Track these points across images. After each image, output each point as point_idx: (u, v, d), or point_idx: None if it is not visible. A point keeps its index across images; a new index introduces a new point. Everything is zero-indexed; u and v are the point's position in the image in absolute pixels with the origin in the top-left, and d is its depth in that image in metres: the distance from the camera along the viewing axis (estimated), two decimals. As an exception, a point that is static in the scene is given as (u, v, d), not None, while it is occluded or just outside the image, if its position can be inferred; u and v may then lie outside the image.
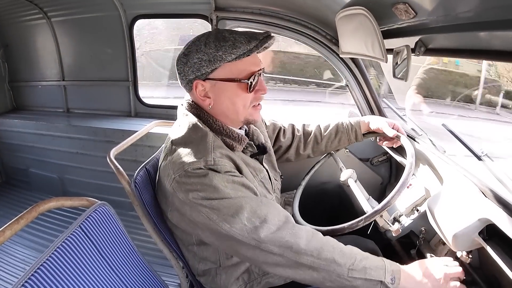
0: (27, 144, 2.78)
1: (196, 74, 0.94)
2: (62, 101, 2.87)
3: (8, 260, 2.02)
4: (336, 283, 0.85)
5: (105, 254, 0.85)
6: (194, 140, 0.94)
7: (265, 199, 0.95)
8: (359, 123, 1.37)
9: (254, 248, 0.86)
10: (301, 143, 1.40)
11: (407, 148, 1.16)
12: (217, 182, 0.87)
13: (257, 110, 1.03)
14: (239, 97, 0.96)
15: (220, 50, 0.90)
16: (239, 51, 0.90)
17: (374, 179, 1.84)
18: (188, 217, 0.90)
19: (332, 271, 0.85)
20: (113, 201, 1.00)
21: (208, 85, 0.96)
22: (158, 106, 2.66)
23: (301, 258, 0.85)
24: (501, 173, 0.99)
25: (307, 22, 1.77)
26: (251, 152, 1.07)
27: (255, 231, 0.85)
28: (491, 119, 3.57)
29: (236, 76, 0.94)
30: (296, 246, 0.86)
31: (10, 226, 0.71)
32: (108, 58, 2.58)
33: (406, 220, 1.20)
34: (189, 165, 0.88)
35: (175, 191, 0.90)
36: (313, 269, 0.85)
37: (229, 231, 0.85)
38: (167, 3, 2.22)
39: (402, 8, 0.90)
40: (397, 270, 0.88)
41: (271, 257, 0.86)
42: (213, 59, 0.91)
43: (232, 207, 0.86)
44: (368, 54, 1.22)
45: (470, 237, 0.92)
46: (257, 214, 0.87)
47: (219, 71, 0.93)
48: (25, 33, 2.80)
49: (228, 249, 0.92)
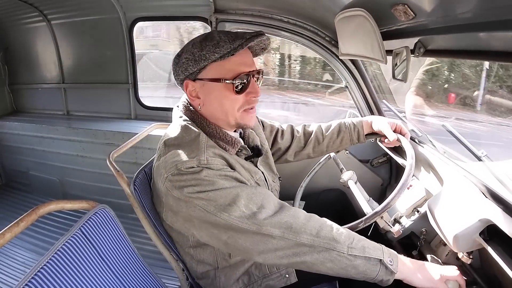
0: (27, 147, 2.78)
1: (185, 74, 0.95)
2: (62, 103, 2.87)
3: (8, 263, 2.02)
4: (337, 262, 0.84)
5: (105, 257, 0.85)
6: (187, 140, 0.94)
7: (259, 187, 0.94)
8: (361, 123, 1.35)
9: (254, 235, 0.85)
10: (301, 144, 1.39)
11: (407, 150, 1.16)
12: (211, 176, 0.86)
13: (249, 114, 1.00)
14: (227, 98, 0.95)
15: (204, 49, 0.91)
16: (222, 50, 0.89)
17: (374, 180, 1.84)
18: (184, 214, 0.90)
19: (332, 250, 0.84)
20: (113, 203, 1.00)
21: (197, 85, 0.96)
22: (158, 108, 2.66)
23: (301, 238, 0.84)
24: (501, 173, 0.99)
25: (306, 24, 1.77)
26: (245, 155, 1.06)
27: (254, 216, 0.85)
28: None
29: (222, 76, 0.93)
30: (296, 225, 0.85)
31: (10, 229, 0.71)
32: (108, 60, 2.58)
33: (407, 221, 1.20)
34: (182, 164, 0.87)
35: (169, 189, 0.89)
36: (313, 249, 0.84)
37: (229, 220, 0.84)
38: (167, 5, 2.23)
39: (401, 9, 0.91)
40: (394, 254, 0.88)
41: (271, 242, 0.85)
42: (198, 59, 0.91)
43: (228, 196, 0.86)
44: (367, 56, 1.22)
45: (471, 238, 0.92)
46: (253, 200, 0.87)
47: (207, 71, 0.94)
48: (25, 35, 2.81)
49: (226, 243, 0.89)
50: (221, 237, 0.88)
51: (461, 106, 4.97)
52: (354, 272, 0.85)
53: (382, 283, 0.87)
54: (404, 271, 0.86)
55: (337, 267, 0.85)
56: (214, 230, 0.88)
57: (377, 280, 0.86)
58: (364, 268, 0.84)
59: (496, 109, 4.34)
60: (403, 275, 0.86)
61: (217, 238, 0.89)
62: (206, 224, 0.88)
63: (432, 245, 1.22)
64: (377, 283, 0.87)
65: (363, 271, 0.85)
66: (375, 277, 0.85)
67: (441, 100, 4.95)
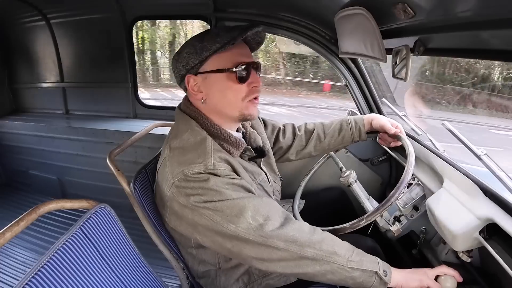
0: (27, 146, 2.78)
1: (187, 68, 0.96)
2: (62, 103, 2.87)
3: (8, 262, 2.02)
4: (337, 274, 0.88)
5: (105, 256, 0.85)
6: (193, 143, 0.94)
7: (265, 198, 0.95)
8: (363, 121, 1.35)
9: (259, 246, 0.86)
10: (303, 142, 1.38)
11: (406, 148, 1.16)
12: (218, 185, 0.86)
13: (254, 104, 1.01)
14: (230, 88, 0.96)
15: (204, 40, 0.93)
16: (222, 39, 0.91)
17: (374, 179, 1.85)
18: (189, 220, 0.90)
19: (333, 262, 0.87)
20: (113, 202, 0.99)
21: (199, 79, 0.97)
22: (157, 107, 2.67)
23: (305, 251, 0.86)
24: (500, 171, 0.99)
25: (306, 22, 1.77)
26: (249, 156, 1.07)
27: (261, 228, 0.85)
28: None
29: (223, 66, 0.94)
30: (301, 239, 0.87)
31: (10, 228, 0.71)
32: (108, 59, 2.58)
33: (407, 220, 1.20)
34: (188, 170, 0.87)
35: (175, 195, 0.89)
36: (316, 261, 0.87)
37: (235, 231, 0.85)
38: (166, 4, 2.22)
39: (401, 8, 0.90)
40: (387, 266, 0.92)
41: (275, 253, 0.86)
42: (199, 50, 0.93)
43: (235, 208, 0.86)
44: (367, 54, 1.22)
45: (471, 236, 0.92)
46: (260, 212, 0.87)
47: (208, 64, 0.95)
48: (24, 35, 2.80)
49: (230, 251, 0.90)
50: (225, 245, 0.89)
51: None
52: (352, 282, 0.89)
53: None
54: (396, 279, 0.90)
55: (336, 278, 0.89)
56: (218, 238, 0.89)
57: None
58: (361, 279, 0.88)
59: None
60: (395, 283, 0.90)
61: (221, 245, 0.90)
62: (211, 232, 0.88)
63: (432, 244, 1.23)
64: None
65: (360, 282, 0.88)
66: (370, 287, 0.89)
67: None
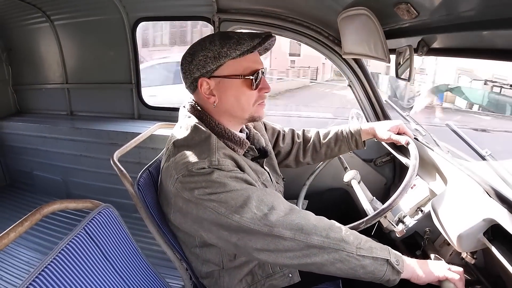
0: (31, 147, 2.80)
1: (201, 71, 0.95)
2: (66, 104, 2.89)
3: (13, 262, 2.03)
4: (346, 263, 0.85)
5: (109, 256, 0.85)
6: (197, 141, 0.94)
7: (268, 189, 0.95)
8: (359, 132, 1.34)
9: (265, 236, 0.85)
10: (301, 150, 1.40)
11: (410, 149, 1.16)
12: (222, 178, 0.87)
13: (262, 107, 1.04)
14: (244, 94, 0.98)
15: (225, 46, 0.93)
16: (243, 47, 0.92)
17: (378, 180, 1.84)
18: (193, 216, 0.90)
19: (342, 250, 0.85)
20: (116, 203, 1.00)
21: (213, 83, 0.97)
22: (161, 108, 2.67)
23: (311, 239, 0.85)
24: (505, 172, 0.99)
25: (309, 23, 1.77)
26: (252, 156, 1.08)
27: (265, 218, 0.85)
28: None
29: (240, 73, 0.96)
30: (307, 227, 0.86)
31: (15, 228, 0.71)
32: (111, 60, 2.60)
33: (410, 221, 1.19)
34: (193, 165, 0.88)
35: (179, 191, 0.89)
36: (324, 250, 0.85)
37: (240, 221, 0.85)
38: (169, 5, 2.23)
39: (404, 8, 0.90)
40: (399, 255, 0.89)
41: (282, 243, 0.85)
42: (218, 56, 0.93)
43: (239, 198, 0.86)
44: (370, 55, 1.21)
45: (475, 238, 0.91)
46: (264, 202, 0.88)
47: (224, 69, 0.95)
48: (28, 36, 2.83)
49: (236, 245, 0.89)
50: (231, 239, 0.88)
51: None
52: (363, 272, 0.86)
53: (388, 283, 0.87)
54: (409, 270, 0.87)
55: (346, 267, 0.85)
56: (224, 232, 0.88)
57: (384, 280, 0.86)
58: (372, 268, 0.85)
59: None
60: (408, 274, 0.87)
61: (226, 240, 0.89)
62: (216, 226, 0.88)
63: (436, 245, 1.22)
64: (384, 283, 0.88)
65: (371, 271, 0.85)
66: (383, 277, 0.86)
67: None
